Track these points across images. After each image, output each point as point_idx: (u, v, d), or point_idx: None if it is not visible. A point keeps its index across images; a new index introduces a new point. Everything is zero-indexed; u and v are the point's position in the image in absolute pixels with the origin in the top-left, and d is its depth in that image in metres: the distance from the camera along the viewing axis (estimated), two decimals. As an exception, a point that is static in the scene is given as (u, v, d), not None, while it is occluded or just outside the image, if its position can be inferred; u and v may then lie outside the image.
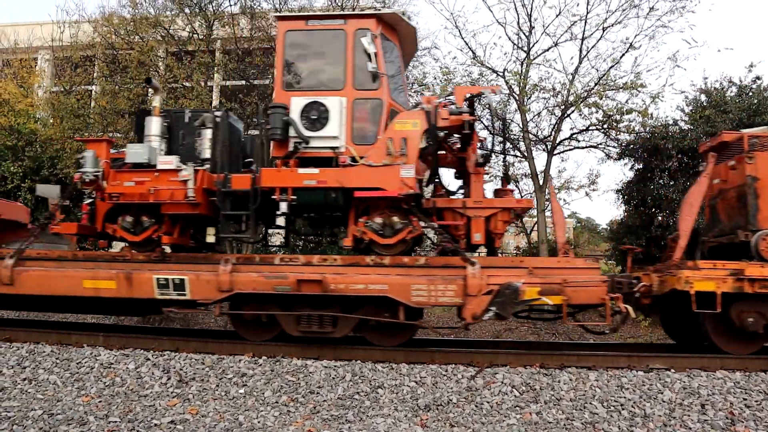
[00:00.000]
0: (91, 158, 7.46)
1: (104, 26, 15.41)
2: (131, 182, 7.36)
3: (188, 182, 7.21)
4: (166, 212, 7.44)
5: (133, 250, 7.74)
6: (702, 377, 6.14)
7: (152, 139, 7.73)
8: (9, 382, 6.10)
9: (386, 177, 6.92)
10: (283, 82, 7.45)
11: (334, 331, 7.06)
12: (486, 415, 5.45)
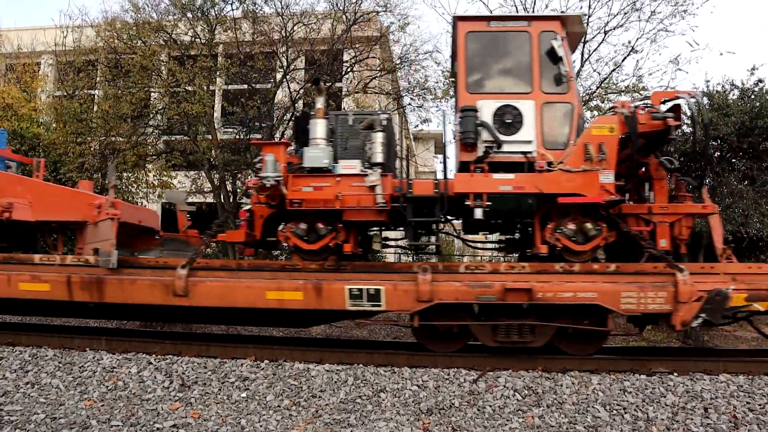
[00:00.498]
0: (271, 163, 7.04)
1: (107, 31, 15.43)
2: (309, 188, 7.08)
3: (376, 188, 6.98)
4: (348, 219, 7.15)
5: (304, 259, 7.38)
6: (705, 381, 6.12)
7: (318, 142, 7.40)
8: (12, 386, 6.10)
9: (586, 183, 6.74)
10: (468, 84, 7.27)
11: (534, 341, 6.89)
12: (488, 419, 5.45)
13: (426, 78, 16.65)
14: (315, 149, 7.28)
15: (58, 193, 8.40)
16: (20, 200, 8.06)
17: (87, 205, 8.04)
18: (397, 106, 18.18)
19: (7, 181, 8.28)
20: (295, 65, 15.87)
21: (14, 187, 8.20)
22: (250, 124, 16.14)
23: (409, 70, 16.70)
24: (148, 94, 15.58)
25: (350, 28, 15.40)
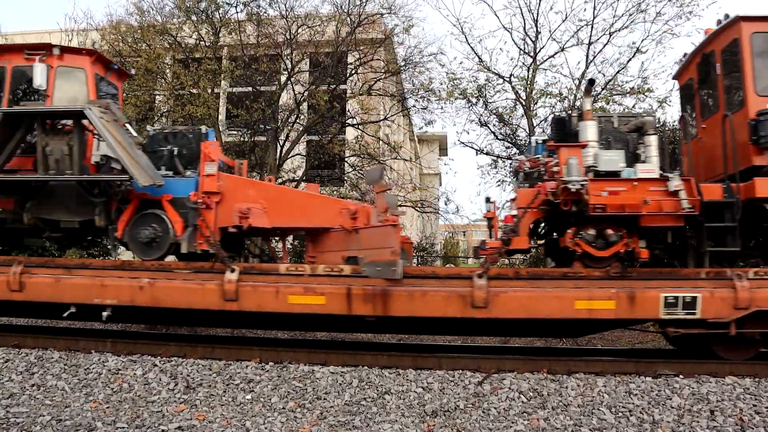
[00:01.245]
0: (575, 166, 6.78)
1: (112, 34, 15.52)
2: (605, 192, 6.72)
3: (680, 193, 6.71)
4: (647, 225, 6.82)
5: (587, 265, 7.00)
6: (711, 383, 6.09)
7: (591, 145, 7.14)
8: (18, 388, 6.12)
9: None
10: (757, 87, 7.06)
11: None
12: (493, 421, 5.43)
13: (430, 80, 16.67)
14: (609, 152, 7.10)
15: (302, 199, 8.13)
16: (257, 206, 7.72)
17: (338, 211, 7.75)
18: (401, 108, 18.20)
19: (240, 185, 7.98)
20: (299, 67, 15.91)
21: (246, 191, 7.90)
22: (254, 126, 16.18)
23: (413, 72, 16.72)
24: (152, 97, 15.64)
25: (354, 31, 15.43)
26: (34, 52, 8.02)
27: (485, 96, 16.35)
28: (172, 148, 8.14)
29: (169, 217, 7.66)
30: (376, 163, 16.73)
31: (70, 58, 8.19)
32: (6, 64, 8.12)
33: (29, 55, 8.05)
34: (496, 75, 16.24)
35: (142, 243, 7.64)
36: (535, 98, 15.81)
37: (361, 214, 7.60)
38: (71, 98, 8.01)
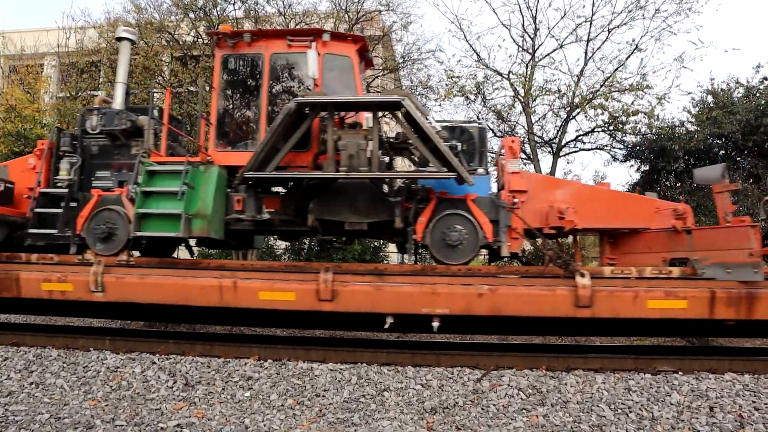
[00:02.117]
0: None
1: (109, 32, 15.47)
2: None
3: None
4: None
5: None
6: (710, 380, 6.10)
7: None
8: (16, 386, 6.11)
9: None
10: None
11: None
12: (492, 418, 5.43)
13: (429, 77, 16.65)
14: None
15: (616, 199, 7.68)
16: (567, 206, 7.37)
17: (653, 211, 7.45)
18: (400, 106, 18.13)
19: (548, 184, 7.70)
20: (297, 65, 15.83)
21: (553, 190, 7.58)
22: (253, 123, 16.11)
23: (411, 69, 16.70)
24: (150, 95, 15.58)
25: (352, 28, 15.39)
26: (298, 39, 7.77)
27: (483, 93, 16.34)
28: (456, 143, 7.72)
29: (476, 218, 7.32)
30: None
31: (336, 45, 7.86)
32: (263, 51, 7.86)
33: (292, 41, 7.77)
34: (494, 72, 16.23)
35: (448, 246, 7.28)
36: (534, 95, 15.79)
37: (689, 215, 7.34)
38: (340, 88, 7.69)
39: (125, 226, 7.54)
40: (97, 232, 7.59)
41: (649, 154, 15.81)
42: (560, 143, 16.38)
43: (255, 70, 7.90)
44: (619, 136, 16.38)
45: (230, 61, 8.00)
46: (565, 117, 16.03)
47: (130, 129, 8.06)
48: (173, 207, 7.29)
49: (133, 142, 8.17)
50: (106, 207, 7.68)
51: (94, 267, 7.19)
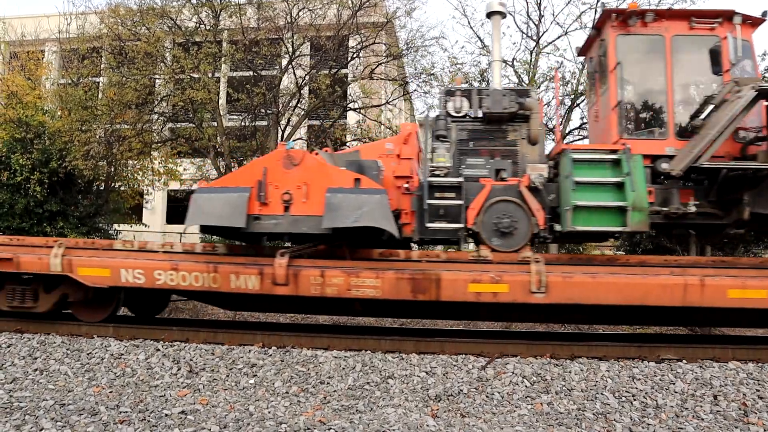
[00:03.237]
0: None
1: (111, 17, 15.36)
2: None
3: None
4: None
5: None
6: (714, 368, 6.09)
7: None
8: (21, 372, 6.12)
9: None
10: None
11: None
12: (497, 405, 5.43)
13: (432, 64, 16.54)
14: None
15: None
16: None
17: None
18: (403, 93, 18.08)
19: None
20: (300, 51, 15.78)
21: None
22: (255, 110, 16.08)
23: (415, 56, 16.59)
24: (152, 81, 15.52)
25: (356, 14, 15.27)
26: (704, 21, 7.34)
27: (487, 80, 16.25)
28: None
29: None
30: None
31: (744, 29, 7.34)
32: (663, 33, 7.45)
33: (697, 23, 7.34)
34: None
35: None
36: (538, 82, 15.70)
37: None
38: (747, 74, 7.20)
39: (526, 219, 7.04)
40: (498, 226, 7.07)
41: (654, 142, 15.71)
42: (564, 131, 16.30)
43: (655, 52, 7.46)
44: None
45: (626, 41, 7.54)
46: (569, 104, 15.94)
47: (517, 112, 7.48)
48: (614, 199, 6.85)
49: (509, 127, 7.61)
50: (502, 198, 7.14)
51: (535, 266, 6.63)
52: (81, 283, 7.24)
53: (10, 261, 7.31)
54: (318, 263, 6.88)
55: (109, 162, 16.41)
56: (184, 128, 16.72)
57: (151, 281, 7.06)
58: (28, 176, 14.95)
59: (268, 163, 6.74)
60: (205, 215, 6.63)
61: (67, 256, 7.24)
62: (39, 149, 15.37)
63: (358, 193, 6.45)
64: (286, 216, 6.63)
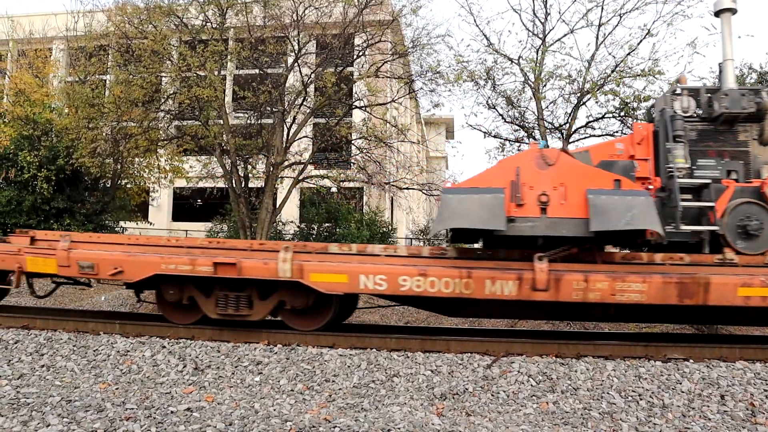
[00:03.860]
0: None
1: (118, 16, 15.41)
2: None
3: None
4: None
5: None
6: (721, 368, 6.06)
7: None
8: (27, 368, 6.15)
9: None
10: None
11: None
12: (502, 404, 5.42)
13: (438, 62, 16.51)
14: None
15: None
16: None
17: None
18: (408, 91, 18.06)
19: None
20: (306, 49, 15.79)
21: None
22: (261, 108, 16.10)
23: (421, 54, 16.55)
24: (159, 79, 15.57)
25: (362, 12, 15.27)
26: None
27: (493, 78, 16.21)
28: None
29: None
30: (384, 146, 16.65)
31: None
32: None
33: None
34: (504, 57, 16.07)
35: None
36: (544, 80, 15.64)
37: None
38: None
39: None
40: (743, 228, 6.86)
41: (661, 141, 15.64)
42: (570, 129, 16.25)
43: None
44: (630, 122, 16.22)
45: None
46: (575, 103, 15.89)
47: (754, 111, 7.26)
48: None
49: (740, 127, 7.40)
50: (747, 200, 6.94)
51: None
52: (302, 290, 6.94)
53: (233, 266, 6.90)
54: (576, 267, 6.64)
55: (116, 159, 16.50)
56: (190, 126, 16.77)
57: (395, 288, 6.70)
58: (35, 173, 15.04)
59: (521, 163, 6.53)
60: (460, 217, 6.33)
61: (297, 261, 6.87)
62: (46, 146, 15.47)
63: (624, 195, 6.26)
64: (542, 218, 6.39)
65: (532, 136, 16.65)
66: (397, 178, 17.45)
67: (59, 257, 7.25)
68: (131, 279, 7.18)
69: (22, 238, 7.79)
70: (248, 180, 16.74)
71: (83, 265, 7.22)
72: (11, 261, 7.43)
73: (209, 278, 7.04)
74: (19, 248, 7.50)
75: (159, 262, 7.03)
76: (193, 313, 7.43)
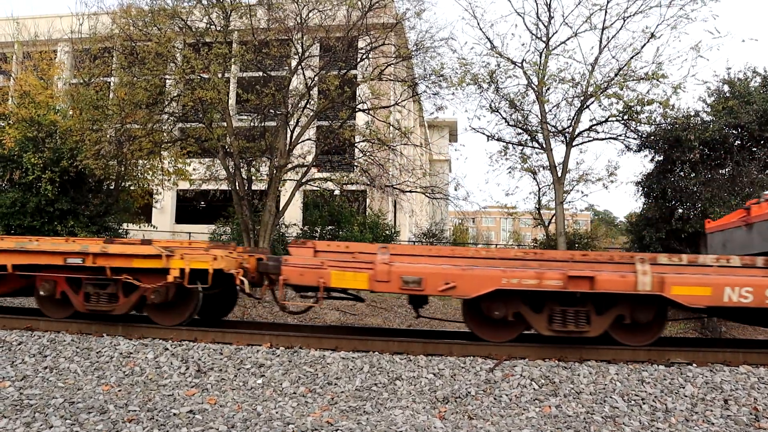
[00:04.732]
0: None
1: (122, 18, 15.47)
2: None
3: None
4: None
5: None
6: (725, 372, 6.04)
7: None
8: (31, 370, 6.16)
9: None
10: None
11: None
12: (505, 408, 5.41)
13: (442, 65, 16.53)
14: None
15: None
16: None
17: None
18: (412, 94, 18.08)
19: None
20: (310, 52, 15.83)
21: None
22: (264, 111, 16.14)
23: (424, 57, 16.58)
24: (163, 81, 15.62)
25: (365, 15, 15.29)
26: None
27: (496, 81, 16.22)
28: None
29: None
30: (387, 149, 16.66)
31: None
32: None
33: None
34: (507, 60, 16.09)
35: None
36: (547, 83, 15.65)
37: None
38: None
39: None
40: None
41: (664, 145, 15.65)
42: (574, 133, 16.25)
43: None
44: (634, 125, 16.22)
45: None
46: (578, 106, 15.89)
47: None
48: None
49: None
50: None
51: None
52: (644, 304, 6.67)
53: (587, 280, 6.43)
54: None
55: (120, 161, 16.54)
56: (193, 128, 16.81)
57: (760, 300, 6.43)
58: (39, 175, 15.07)
59: None
60: None
61: (657, 274, 6.46)
62: (50, 148, 15.50)
63: None
64: None
65: (534, 139, 16.66)
66: (400, 181, 17.46)
67: (378, 271, 6.66)
68: (466, 295, 6.63)
69: (305, 249, 7.28)
70: (251, 182, 16.77)
71: (408, 280, 6.64)
72: (312, 276, 6.84)
73: (540, 293, 6.66)
74: (322, 261, 6.93)
75: (500, 276, 6.53)
76: (510, 329, 7.05)
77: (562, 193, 16.26)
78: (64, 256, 7.42)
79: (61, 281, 7.63)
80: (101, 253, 7.33)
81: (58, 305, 7.78)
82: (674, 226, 15.03)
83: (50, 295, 7.64)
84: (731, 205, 14.17)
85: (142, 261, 7.23)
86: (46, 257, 7.48)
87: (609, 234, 36.32)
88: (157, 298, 7.26)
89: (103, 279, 7.43)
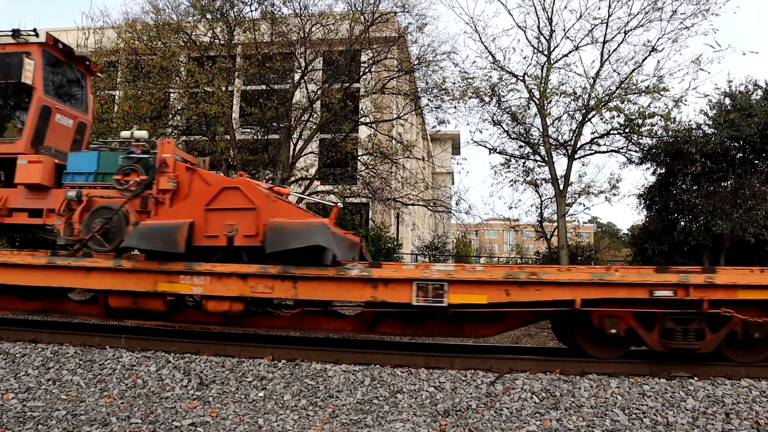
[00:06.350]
0: None
1: (128, 32, 15.64)
2: None
3: None
4: None
5: None
6: (726, 385, 6.04)
7: None
8: (34, 382, 6.19)
9: None
10: None
11: None
12: (506, 421, 5.42)
13: (444, 79, 16.64)
14: None
15: None
16: None
17: None
18: (414, 107, 18.19)
19: None
20: (313, 66, 15.96)
21: None
22: (267, 124, 16.24)
23: (426, 70, 16.70)
24: (167, 95, 15.76)
25: (368, 29, 15.43)
26: None
27: (498, 95, 16.30)
28: None
29: None
30: (389, 162, 16.72)
31: None
32: None
33: None
34: (509, 74, 16.18)
35: None
36: (549, 97, 15.73)
37: None
38: None
39: None
40: None
41: (665, 157, 15.69)
42: (575, 146, 16.30)
43: None
44: (635, 138, 16.26)
45: None
46: (580, 119, 15.95)
47: None
48: None
49: None
50: None
51: None
52: None
53: None
54: None
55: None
56: (197, 141, 16.91)
57: None
58: (44, 188, 15.11)
59: None
60: None
61: None
62: (55, 161, 15.54)
63: None
64: None
65: (536, 152, 16.72)
66: (403, 194, 17.51)
67: None
68: None
69: None
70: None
71: None
72: None
73: None
74: None
75: None
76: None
77: (564, 206, 16.28)
78: (650, 288, 6.60)
79: (627, 316, 6.80)
80: (704, 285, 6.57)
81: (608, 343, 7.02)
82: (676, 239, 15.05)
83: (607, 332, 6.83)
84: (733, 218, 14.18)
85: (748, 292, 6.57)
86: (625, 290, 6.65)
87: (612, 246, 36.24)
88: (759, 334, 6.67)
89: (687, 313, 6.71)
